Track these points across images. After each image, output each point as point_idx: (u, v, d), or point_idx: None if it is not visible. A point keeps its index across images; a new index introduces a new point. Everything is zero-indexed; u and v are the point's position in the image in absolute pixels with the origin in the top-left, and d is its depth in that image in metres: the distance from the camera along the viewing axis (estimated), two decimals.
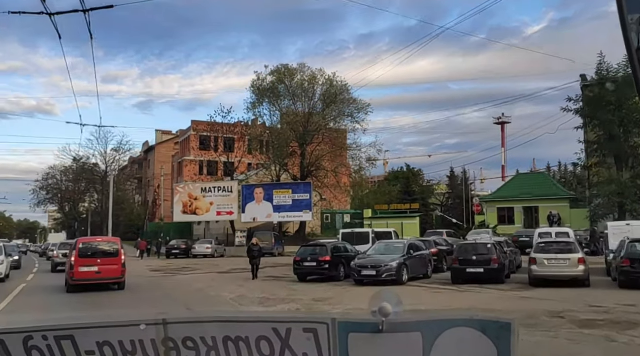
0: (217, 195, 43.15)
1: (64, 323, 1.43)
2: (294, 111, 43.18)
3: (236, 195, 42.74)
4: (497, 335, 1.32)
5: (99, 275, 15.83)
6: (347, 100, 42.42)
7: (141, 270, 27.55)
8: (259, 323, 1.43)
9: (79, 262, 15.87)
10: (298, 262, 19.31)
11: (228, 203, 42.82)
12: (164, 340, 1.40)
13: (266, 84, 42.72)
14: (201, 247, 39.14)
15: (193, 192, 44.12)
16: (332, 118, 42.25)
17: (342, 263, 19.41)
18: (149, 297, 16.01)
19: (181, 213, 44.33)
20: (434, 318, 1.40)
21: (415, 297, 14.60)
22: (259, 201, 41.68)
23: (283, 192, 41.30)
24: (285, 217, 41.35)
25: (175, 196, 45.01)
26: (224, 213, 43.00)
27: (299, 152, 44.19)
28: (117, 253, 16.54)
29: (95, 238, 21.41)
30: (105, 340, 1.39)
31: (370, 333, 1.36)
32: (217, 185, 44.10)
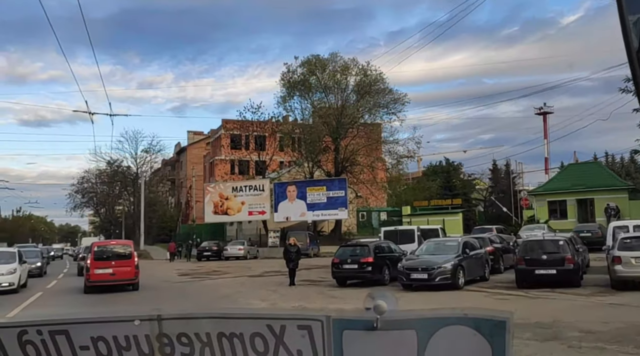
0: (248, 194, 41.47)
1: (58, 318, 1.43)
2: (326, 104, 40.97)
3: (268, 193, 40.94)
4: (492, 332, 1.31)
5: (113, 277, 16.44)
6: (383, 90, 39.95)
7: (169, 274, 26.00)
8: (253, 320, 1.42)
9: (94, 265, 16.51)
10: (337, 264, 17.18)
11: (260, 202, 41.07)
12: (158, 335, 1.39)
13: (296, 76, 40.72)
14: (233, 248, 37.49)
15: (224, 191, 42.56)
16: (367, 110, 39.84)
17: (387, 265, 17.20)
18: (169, 305, 14.12)
19: (212, 214, 42.85)
20: (428, 316, 1.40)
21: (478, 306, 12.27)
22: (292, 199, 39.77)
23: (317, 189, 39.27)
24: (320, 215, 39.30)
25: (206, 196, 43.55)
26: (255, 212, 41.27)
27: (332, 147, 42.02)
28: (130, 255, 17.16)
29: (109, 242, 21.93)
30: (99, 335, 1.39)
31: (364, 331, 1.34)
32: (248, 183, 42.40)
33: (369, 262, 16.61)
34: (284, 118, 46.82)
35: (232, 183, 43.75)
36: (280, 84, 41.66)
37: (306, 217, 39.40)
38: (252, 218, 42.19)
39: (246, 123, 46.29)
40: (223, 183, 45.35)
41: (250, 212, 41.44)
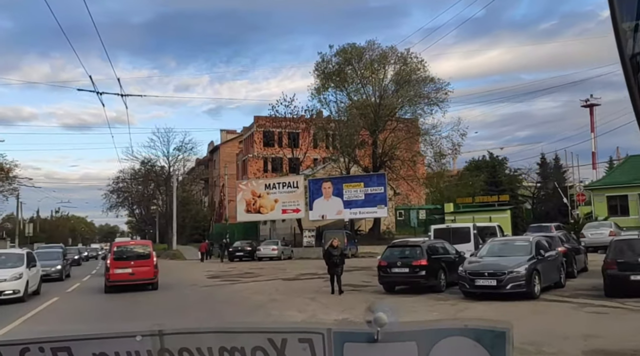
0: (281, 192, 39.49)
1: (60, 335, 1.43)
2: (363, 95, 38.52)
3: (302, 190, 38.87)
4: (492, 343, 1.31)
5: (132, 276, 16.64)
6: (423, 79, 37.21)
7: (198, 276, 24.20)
8: (255, 333, 1.43)
9: (114, 264, 16.77)
10: (384, 268, 14.85)
11: (294, 199, 39.03)
12: (160, 350, 1.39)
13: (331, 66, 38.38)
14: (266, 248, 35.59)
15: (256, 188, 40.72)
16: (407, 100, 37.15)
17: (442, 269, 14.80)
18: (192, 319, 12.18)
19: (245, 212, 41.07)
20: (428, 327, 1.40)
21: (570, 322, 9.78)
22: (328, 196, 37.59)
23: (354, 185, 36.96)
24: (358, 213, 36.97)
25: (238, 194, 41.80)
26: (289, 210, 39.26)
27: (369, 141, 39.60)
28: (149, 255, 17.34)
29: (129, 242, 23.04)
30: (101, 351, 1.39)
31: (365, 343, 1.34)
32: (282, 180, 40.43)
33: (422, 265, 14.23)
34: (318, 114, 44.75)
35: (265, 180, 41.83)
36: (314, 74, 39.51)
37: (343, 215, 37.14)
38: (286, 216, 40.21)
39: (279, 119, 44.34)
40: (255, 180, 43.51)
41: (283, 210, 39.47)
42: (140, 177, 69.47)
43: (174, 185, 52.23)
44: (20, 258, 14.87)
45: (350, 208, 36.91)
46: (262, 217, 41.55)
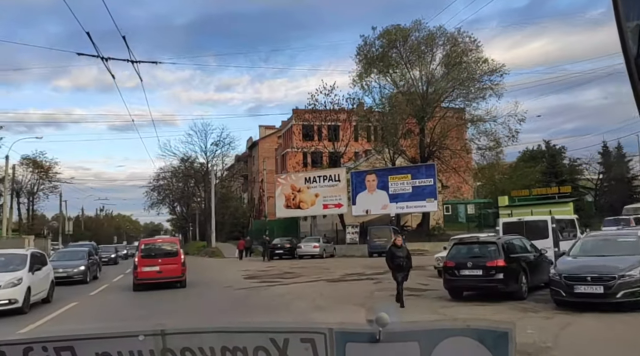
0: (322, 186, 37.20)
1: (63, 334, 1.44)
2: (409, 80, 35.63)
3: (344, 184, 36.46)
4: (495, 343, 1.30)
5: (160, 274, 16.41)
6: (476, 61, 34.08)
7: (234, 276, 22.22)
8: (257, 333, 1.43)
9: (142, 262, 16.56)
10: (451, 269, 12.31)
11: (335, 194, 36.67)
12: (163, 350, 1.40)
13: (374, 49, 35.69)
14: (307, 245, 33.44)
15: (296, 182, 38.58)
16: (459, 84, 34.03)
17: (524, 271, 12.13)
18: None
19: (284, 208, 39.01)
20: (431, 327, 1.41)
21: None
22: (372, 190, 35.07)
23: (400, 177, 34.28)
24: (405, 207, 34.29)
25: (277, 188, 39.77)
26: (331, 205, 36.94)
27: (416, 130, 36.76)
28: (176, 252, 17.08)
29: (156, 239, 21.54)
30: (104, 351, 1.40)
31: (367, 343, 1.34)
32: (323, 173, 38.12)
33: (499, 266, 11.61)
34: (359, 105, 42.23)
35: (305, 174, 39.61)
36: (356, 59, 36.87)
37: (388, 210, 34.54)
38: (328, 212, 37.89)
39: (318, 111, 42.04)
40: (295, 173, 41.36)
41: (325, 204, 37.17)
42: (180, 174, 68.73)
43: (212, 181, 50.81)
44: (22, 260, 12.58)
45: (397, 202, 34.27)
46: (302, 213, 39.36)
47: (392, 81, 36.47)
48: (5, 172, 41.61)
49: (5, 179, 41.78)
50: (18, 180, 48.45)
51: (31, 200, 52.31)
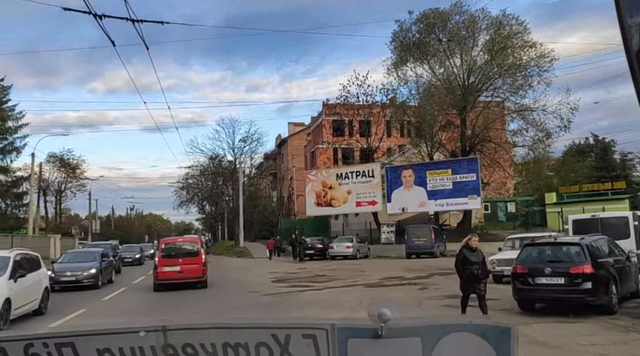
0: (355, 182, 35.06)
1: (64, 330, 1.44)
2: (449, 68, 33.05)
3: (379, 180, 34.25)
4: (497, 339, 1.30)
5: (180, 274, 16.05)
6: (522, 45, 31.30)
7: (262, 279, 20.35)
8: (258, 329, 1.43)
9: (162, 262, 16.23)
10: (523, 276, 10.01)
11: (369, 190, 34.47)
12: (164, 346, 1.39)
13: (411, 35, 33.27)
14: (340, 245, 31.39)
15: (327, 179, 36.54)
16: (505, 70, 31.30)
17: (613, 279, 9.80)
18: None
19: (314, 206, 37.01)
20: (433, 323, 1.40)
21: None
22: (409, 186, 32.75)
23: (439, 172, 31.87)
24: (445, 205, 31.86)
25: (307, 185, 37.81)
26: (364, 203, 34.76)
27: (456, 122, 34.21)
28: (197, 252, 16.68)
29: (177, 239, 20.87)
30: (105, 347, 1.39)
31: (369, 339, 1.33)
32: (355, 169, 35.95)
33: (586, 273, 9.31)
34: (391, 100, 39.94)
35: (337, 170, 37.52)
36: (391, 47, 34.48)
37: (427, 207, 32.17)
38: (361, 209, 35.74)
39: (349, 106, 39.89)
40: (326, 169, 39.32)
41: (358, 202, 35.02)
42: (209, 172, 67.62)
43: (240, 179, 49.27)
44: (4, 265, 10.13)
45: (436, 199, 31.88)
46: (334, 211, 37.29)
47: (430, 69, 33.96)
48: (31, 170, 40.91)
49: (32, 177, 41.06)
50: (44, 178, 47.84)
51: (58, 199, 51.82)
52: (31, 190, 41.27)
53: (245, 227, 53.60)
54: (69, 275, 16.19)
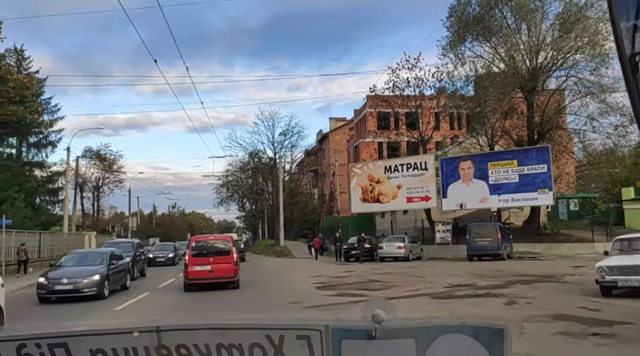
0: (406, 175, 31.64)
1: (57, 331, 1.43)
2: (515, 45, 29.06)
3: (433, 173, 30.74)
4: (490, 340, 1.30)
5: (211, 274, 15.42)
6: (600, 17, 26.91)
7: (304, 286, 17.39)
8: (252, 330, 1.43)
9: (193, 261, 15.63)
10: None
11: (422, 185, 31.00)
12: (157, 347, 1.39)
13: (471, 9, 29.33)
14: (390, 246, 28.14)
15: (374, 172, 33.25)
16: (579, 47, 27.16)
17: None
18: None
19: (360, 202, 33.78)
20: (426, 324, 1.39)
21: None
22: (467, 179, 29.15)
23: (504, 164, 28.12)
24: (510, 200, 28.07)
25: (352, 180, 34.61)
26: (416, 199, 31.30)
27: (522, 107, 30.26)
28: (229, 251, 16.05)
29: (207, 237, 19.71)
30: (98, 348, 1.38)
31: (363, 340, 1.33)
32: (407, 161, 32.46)
33: None
34: (441, 90, 36.33)
35: (385, 162, 34.12)
36: (447, 24, 30.72)
37: (488, 203, 28.47)
38: (412, 206, 32.30)
39: (395, 97, 36.46)
40: (373, 162, 35.95)
41: (409, 197, 31.60)
42: (248, 168, 65.45)
43: (280, 174, 46.66)
44: None
45: (499, 193, 28.15)
46: (382, 207, 33.99)
47: (492, 48, 30.13)
48: (67, 165, 39.48)
49: (67, 172, 39.65)
50: (81, 173, 46.53)
51: (96, 195, 50.61)
52: (66, 186, 39.85)
53: (286, 225, 50.98)
54: (65, 283, 13.18)
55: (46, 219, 35.29)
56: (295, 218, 61.14)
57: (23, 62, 40.37)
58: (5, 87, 31.41)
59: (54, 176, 42.41)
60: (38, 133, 40.98)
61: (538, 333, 8.72)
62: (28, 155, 40.78)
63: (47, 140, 41.70)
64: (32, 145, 40.85)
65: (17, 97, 33.32)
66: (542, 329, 9.01)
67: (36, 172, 41.30)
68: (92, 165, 48.15)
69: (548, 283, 15.58)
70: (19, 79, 34.54)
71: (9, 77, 32.44)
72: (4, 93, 31.68)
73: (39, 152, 41.28)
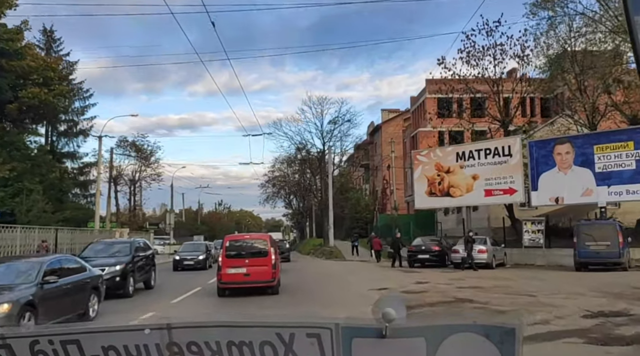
0: (484, 163, 25.92)
1: (69, 328, 1.46)
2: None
3: (519, 160, 24.88)
4: (501, 340, 1.29)
5: (247, 278, 14.13)
6: None
7: (365, 299, 12.29)
8: (263, 328, 1.43)
9: (227, 263, 14.40)
10: None
11: (505, 174, 25.17)
12: (168, 344, 1.39)
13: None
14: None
15: (443, 160, 27.64)
16: None
17: None
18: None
19: (425, 196, 28.20)
20: (437, 323, 1.39)
21: None
22: (565, 167, 23.20)
23: (615, 146, 21.99)
24: (624, 193, 21.89)
25: (415, 170, 29.08)
26: (497, 191, 25.48)
27: (631, 78, 24.06)
28: (266, 252, 14.59)
29: (243, 236, 17.97)
30: (110, 345, 1.39)
31: (373, 338, 1.33)
32: (485, 145, 26.57)
33: None
34: (509, 73, 30.54)
35: (457, 147, 28.25)
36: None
37: (595, 197, 22.39)
38: (493, 200, 26.48)
39: (456, 82, 30.70)
40: (442, 148, 30.14)
41: (488, 190, 25.83)
42: (296, 160, 60.71)
43: (330, 167, 41.77)
44: None
45: (609, 184, 22.07)
46: (454, 202, 28.32)
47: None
48: (99, 155, 36.08)
49: (99, 163, 36.25)
50: (116, 166, 43.18)
51: (132, 189, 47.35)
52: (98, 178, 36.42)
53: (335, 224, 46.04)
54: None
55: (71, 214, 31.77)
56: (346, 215, 56.10)
57: (53, 44, 37.26)
58: (22, 64, 27.93)
59: (85, 168, 39.16)
60: (68, 121, 37.78)
61: None
62: (57, 144, 37.64)
63: (79, 129, 38.45)
64: (61, 133, 37.68)
65: (40, 79, 29.95)
66: None
67: (67, 163, 38.12)
68: (126, 156, 44.83)
69: None
70: (41, 57, 31.19)
71: (28, 52, 29.00)
72: (20, 71, 28.20)
73: (69, 141, 38.09)
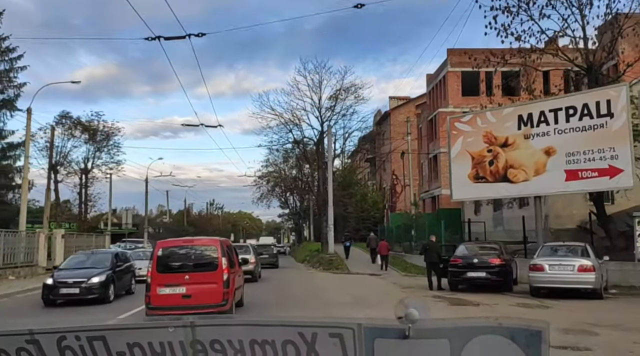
0: (565, 130, 16.57)
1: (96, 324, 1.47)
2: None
3: (624, 122, 15.60)
4: (527, 342, 1.28)
5: (187, 301, 9.80)
6: None
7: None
8: (285, 327, 1.44)
9: (158, 279, 10.00)
10: None
11: (601, 145, 15.85)
12: (192, 342, 1.40)
13: None
14: (561, 266, 13.40)
15: (496, 127, 18.14)
16: None
17: None
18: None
19: (469, 181, 18.72)
20: (461, 325, 1.38)
21: None
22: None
23: None
24: None
25: (453, 145, 19.42)
26: (587, 172, 16.10)
27: None
28: (215, 264, 10.16)
29: (184, 240, 12.42)
30: (135, 341, 1.41)
31: (396, 339, 1.33)
32: (567, 103, 16.80)
33: None
34: (548, 43, 21.59)
35: (521, 107, 18.52)
36: None
37: None
38: (581, 186, 16.74)
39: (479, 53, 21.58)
40: (496, 110, 20.00)
41: (571, 171, 16.40)
42: (293, 158, 51.26)
43: (330, 149, 32.75)
44: None
45: None
46: (514, 190, 18.62)
47: None
48: (27, 133, 27.22)
49: (27, 143, 27.39)
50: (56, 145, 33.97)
51: (84, 181, 38.24)
52: (26, 163, 27.51)
53: (337, 224, 37.08)
54: None
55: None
56: (350, 215, 47.03)
57: None
58: None
59: (10, 150, 30.23)
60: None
61: None
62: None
63: (0, 99, 29.56)
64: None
65: None
66: None
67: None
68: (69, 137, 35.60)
69: None
70: None
71: None
72: None
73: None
